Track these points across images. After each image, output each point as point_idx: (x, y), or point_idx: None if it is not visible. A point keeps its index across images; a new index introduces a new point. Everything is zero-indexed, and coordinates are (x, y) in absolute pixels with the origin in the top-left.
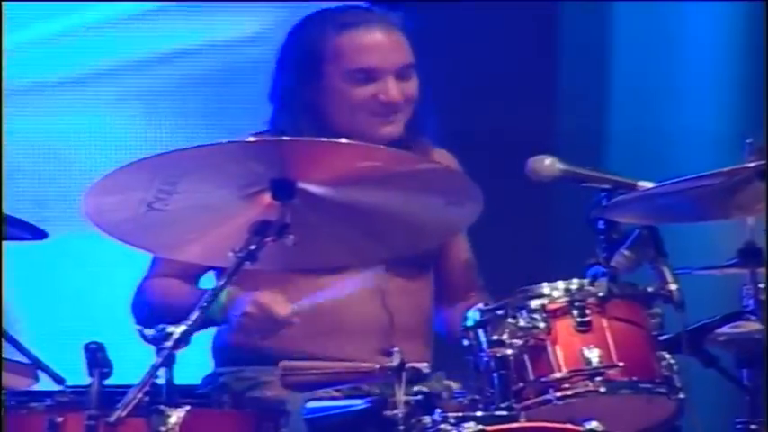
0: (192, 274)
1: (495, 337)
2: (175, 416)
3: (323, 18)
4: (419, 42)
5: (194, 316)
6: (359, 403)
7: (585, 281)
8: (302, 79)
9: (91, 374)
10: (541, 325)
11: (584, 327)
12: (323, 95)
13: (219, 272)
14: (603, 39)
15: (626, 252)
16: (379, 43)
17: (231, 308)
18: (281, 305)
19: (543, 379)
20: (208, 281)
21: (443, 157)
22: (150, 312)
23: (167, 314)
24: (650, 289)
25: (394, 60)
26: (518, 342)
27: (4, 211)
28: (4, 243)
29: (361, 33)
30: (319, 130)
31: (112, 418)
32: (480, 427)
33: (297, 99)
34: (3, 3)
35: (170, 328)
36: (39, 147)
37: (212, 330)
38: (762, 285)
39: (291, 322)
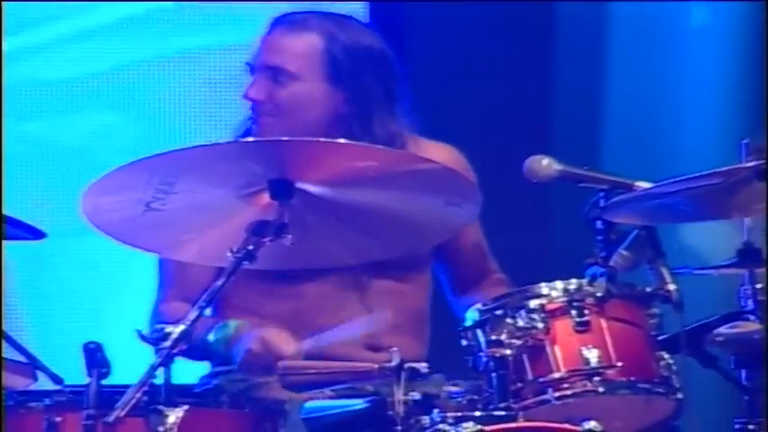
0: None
1: (493, 338)
2: (174, 416)
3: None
4: (418, 41)
5: (192, 315)
6: (357, 403)
7: (584, 281)
8: None
9: (89, 374)
10: (540, 325)
11: (583, 327)
12: None
13: None
14: (601, 37)
15: (624, 252)
16: (261, 41)
17: (236, 342)
18: (286, 343)
19: (542, 379)
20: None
21: (447, 153)
22: None
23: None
24: (649, 289)
25: (263, 60)
26: (517, 342)
27: (4, 211)
28: (3, 243)
29: (264, 32)
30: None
31: (111, 418)
32: (479, 427)
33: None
34: (3, 3)
35: (168, 329)
36: (39, 147)
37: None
38: (760, 286)
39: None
